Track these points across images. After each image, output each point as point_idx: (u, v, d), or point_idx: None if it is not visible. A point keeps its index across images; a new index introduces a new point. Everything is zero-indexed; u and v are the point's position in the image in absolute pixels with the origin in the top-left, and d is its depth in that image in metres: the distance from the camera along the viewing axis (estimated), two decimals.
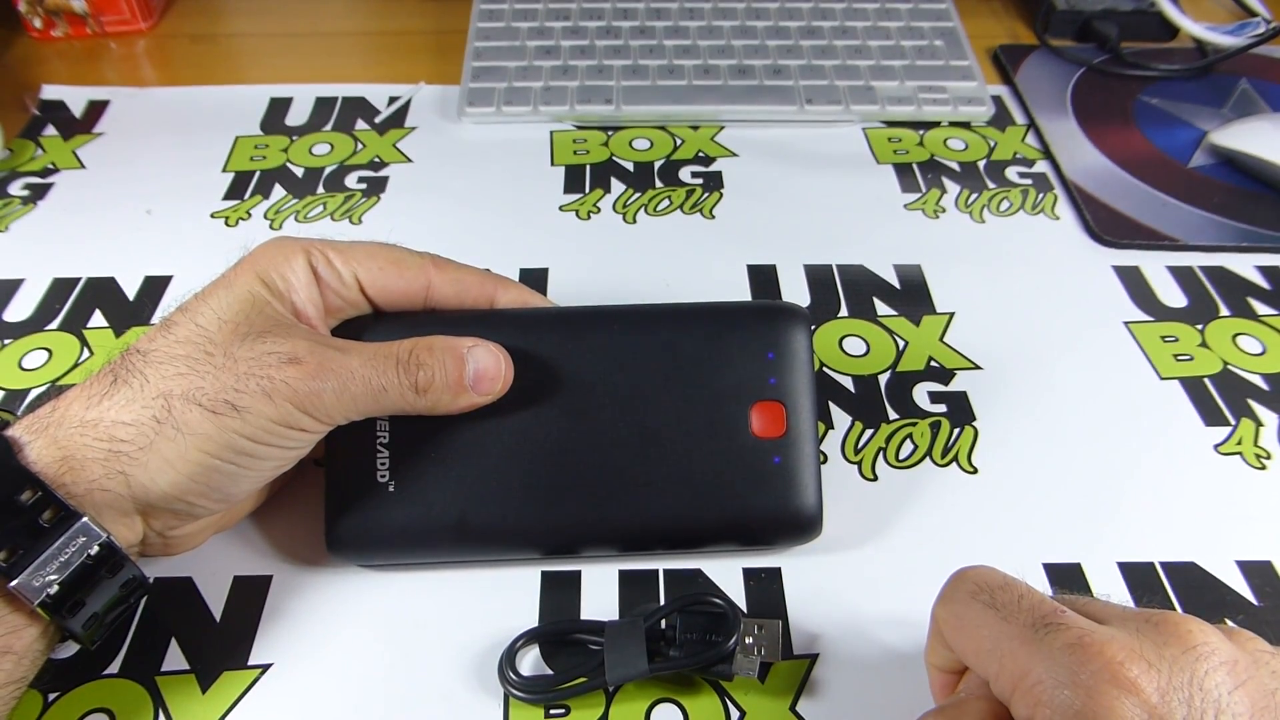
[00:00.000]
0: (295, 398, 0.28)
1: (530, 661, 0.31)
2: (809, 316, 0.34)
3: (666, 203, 0.50)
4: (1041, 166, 0.53)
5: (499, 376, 0.31)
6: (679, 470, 0.31)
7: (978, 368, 0.41)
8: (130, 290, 0.44)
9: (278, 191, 0.50)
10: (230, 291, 0.29)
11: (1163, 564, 0.34)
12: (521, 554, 0.33)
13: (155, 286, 0.44)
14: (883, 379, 0.41)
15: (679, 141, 0.54)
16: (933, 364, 0.41)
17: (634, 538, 0.32)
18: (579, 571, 0.33)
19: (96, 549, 0.27)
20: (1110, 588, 0.33)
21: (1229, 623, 0.32)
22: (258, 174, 0.51)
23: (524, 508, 0.31)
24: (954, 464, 0.37)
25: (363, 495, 0.31)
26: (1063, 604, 0.23)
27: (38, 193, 0.49)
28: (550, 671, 0.31)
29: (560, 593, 0.33)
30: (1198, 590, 0.33)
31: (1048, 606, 0.23)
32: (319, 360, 0.28)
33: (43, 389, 0.39)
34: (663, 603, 0.32)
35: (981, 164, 0.53)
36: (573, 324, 0.33)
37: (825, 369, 0.41)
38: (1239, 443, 0.38)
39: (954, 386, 0.40)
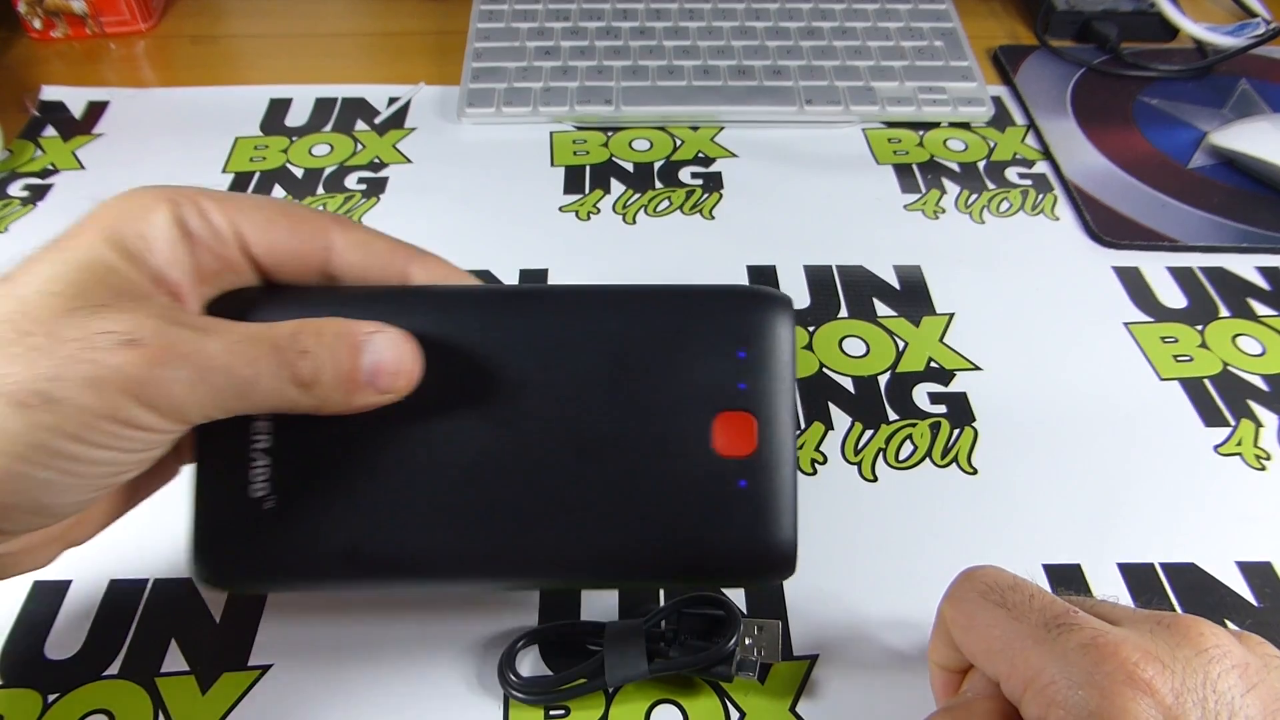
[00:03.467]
0: (130, 388, 0.22)
1: (530, 662, 0.31)
2: (791, 304, 0.27)
3: (666, 203, 0.50)
4: (1041, 167, 0.53)
5: (402, 370, 0.25)
6: (621, 493, 0.26)
7: (978, 368, 0.41)
8: None
9: (277, 192, 0.50)
10: (64, 256, 0.23)
11: (1162, 565, 0.34)
12: (426, 587, 0.28)
13: None
14: (882, 380, 0.41)
15: (679, 142, 0.54)
16: (932, 365, 0.41)
17: (563, 572, 0.27)
18: None
19: None
20: (1110, 589, 0.33)
21: (1231, 626, 0.32)
22: (257, 175, 0.51)
23: (431, 534, 0.26)
24: (954, 465, 0.37)
25: (235, 512, 0.26)
26: (1071, 604, 0.23)
27: (37, 194, 0.49)
28: (550, 672, 0.31)
29: (560, 593, 0.33)
30: (1198, 591, 0.33)
31: (1059, 607, 0.23)
32: (166, 342, 0.22)
33: None
34: (662, 604, 0.32)
35: (981, 165, 0.53)
36: (500, 307, 0.27)
37: (825, 369, 0.41)
38: (1239, 443, 0.38)
39: (954, 387, 0.40)
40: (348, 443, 0.26)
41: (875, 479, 0.37)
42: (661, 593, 0.33)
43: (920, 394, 0.40)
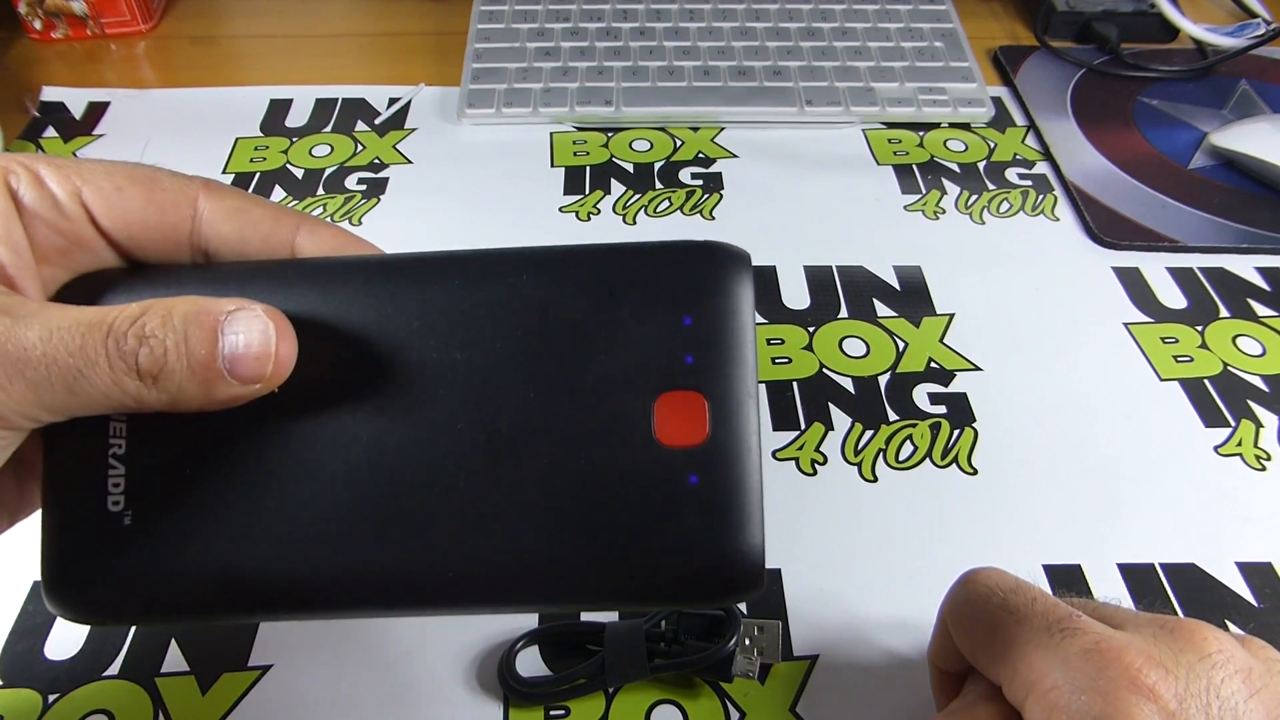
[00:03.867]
0: None
1: (530, 662, 0.31)
2: (748, 259, 0.22)
3: (667, 204, 0.50)
4: (1041, 168, 0.53)
5: (269, 355, 0.21)
6: (545, 496, 0.21)
7: (978, 369, 0.41)
8: None
9: (278, 193, 0.50)
10: None
11: (1162, 565, 0.34)
12: (316, 616, 0.23)
13: None
14: (883, 380, 0.40)
15: (679, 143, 0.54)
16: (933, 365, 0.41)
17: (474, 594, 0.22)
18: None
19: None
20: (1110, 589, 0.33)
21: (1231, 626, 0.32)
22: (258, 175, 0.51)
23: (317, 552, 0.21)
24: (954, 465, 0.37)
25: (87, 529, 0.22)
26: (1074, 607, 0.23)
27: None
28: (550, 672, 0.31)
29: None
30: (1198, 591, 0.33)
31: (1062, 610, 0.23)
32: None
33: None
34: (646, 610, 0.32)
35: (981, 165, 0.53)
36: (393, 278, 0.22)
37: (825, 370, 0.41)
38: (1239, 444, 0.38)
39: (954, 388, 0.40)
40: (215, 446, 0.22)
41: (875, 479, 0.37)
42: None
43: (920, 394, 0.40)
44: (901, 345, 0.42)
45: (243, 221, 0.23)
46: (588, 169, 0.52)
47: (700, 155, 0.53)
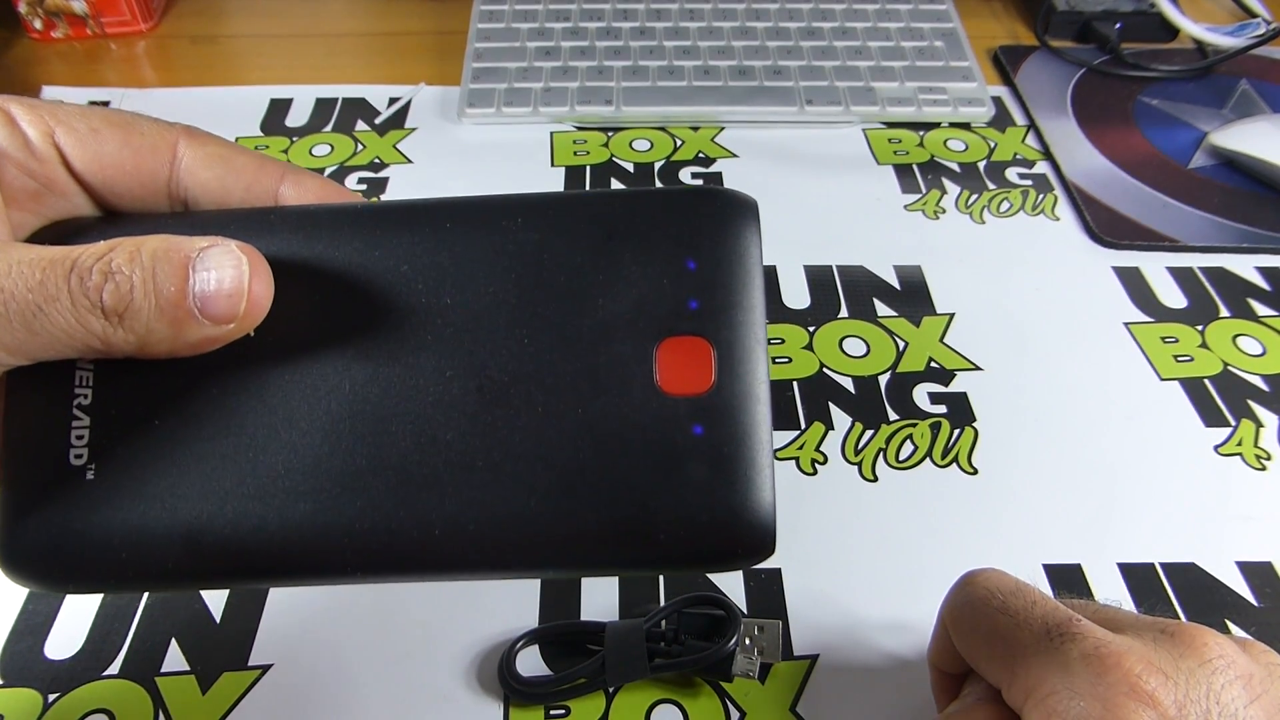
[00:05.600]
0: None
1: (530, 662, 0.31)
2: (754, 206, 0.22)
3: None
4: (1042, 167, 0.53)
5: (242, 293, 0.19)
6: (538, 445, 0.20)
7: (978, 368, 0.41)
8: None
9: None
10: None
11: (1163, 565, 0.34)
12: (293, 581, 0.22)
13: None
14: (883, 380, 0.40)
15: (679, 142, 0.54)
16: (933, 365, 0.41)
17: (463, 557, 0.20)
18: None
19: None
20: (1110, 589, 0.33)
21: (1232, 626, 0.32)
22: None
23: (294, 509, 0.20)
24: (954, 465, 0.37)
25: (47, 484, 0.20)
26: (1074, 610, 0.23)
27: None
28: (550, 672, 0.31)
29: (560, 593, 0.33)
30: (1198, 591, 0.33)
31: (1062, 614, 0.23)
32: None
33: None
34: (663, 603, 0.32)
35: (982, 165, 0.53)
36: (381, 222, 0.21)
37: (825, 369, 0.41)
38: (1239, 444, 0.38)
39: (954, 387, 0.40)
40: (187, 396, 0.20)
41: (875, 479, 0.37)
42: (661, 591, 0.33)
43: (920, 394, 0.40)
44: (902, 345, 0.42)
45: (225, 169, 0.22)
46: (588, 169, 0.52)
47: (700, 155, 0.53)
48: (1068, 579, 0.34)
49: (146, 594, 0.31)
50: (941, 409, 0.39)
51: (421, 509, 0.20)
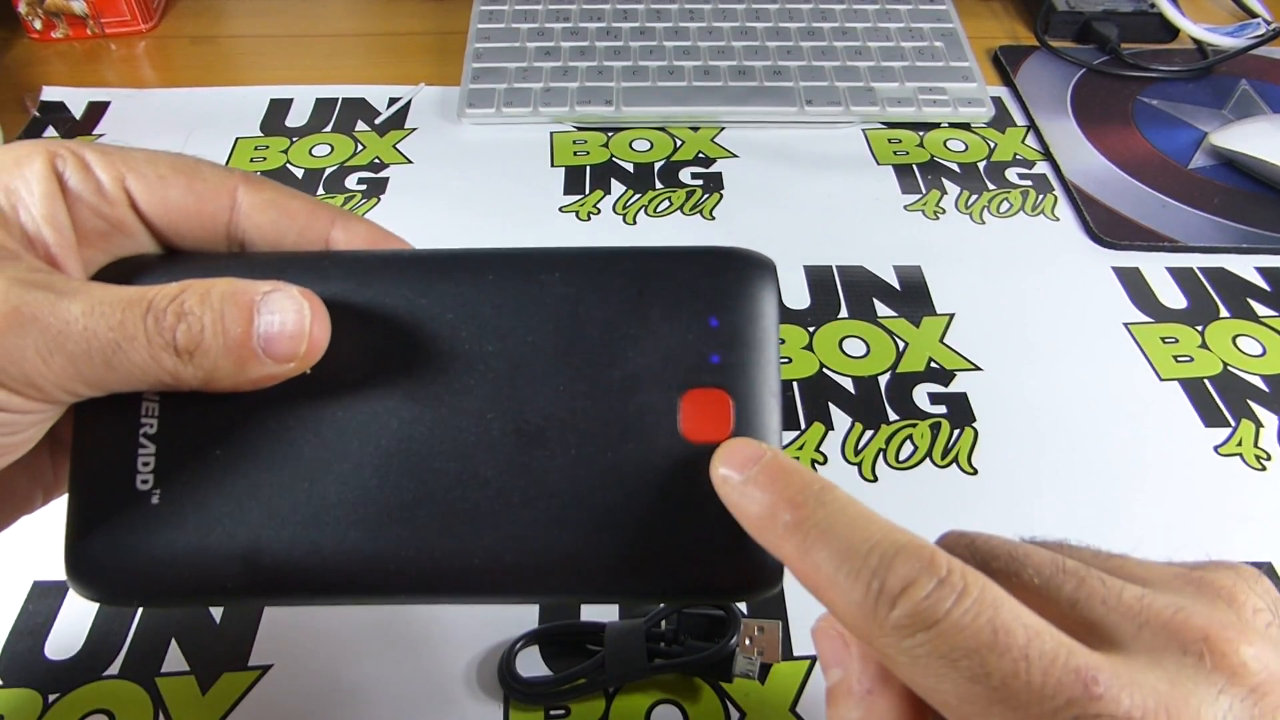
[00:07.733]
0: None
1: (530, 662, 0.31)
2: (773, 267, 0.23)
3: (667, 204, 0.50)
4: (1041, 168, 0.53)
5: (303, 335, 0.21)
6: (569, 486, 0.22)
7: (978, 369, 0.41)
8: None
9: None
10: None
11: None
12: (340, 600, 0.23)
13: None
14: (883, 380, 0.40)
15: (679, 143, 0.54)
16: (933, 365, 0.41)
17: (498, 583, 0.22)
18: None
19: None
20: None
21: None
22: (258, 176, 0.51)
23: (344, 535, 0.22)
24: (954, 465, 0.37)
25: (114, 507, 0.22)
26: (1080, 561, 0.20)
27: None
28: (550, 672, 0.31)
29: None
30: None
31: (1068, 683, 0.17)
32: (13, 305, 0.19)
33: None
34: (663, 604, 0.32)
35: (981, 165, 0.53)
36: (427, 271, 0.23)
37: (825, 370, 0.41)
38: (1239, 444, 0.38)
39: (954, 388, 0.40)
40: (247, 427, 0.22)
41: (875, 479, 0.37)
42: None
43: (920, 394, 0.40)
44: (901, 345, 0.42)
45: (279, 213, 0.24)
46: (588, 169, 0.52)
47: (700, 155, 0.53)
48: None
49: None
50: (941, 409, 0.39)
51: (462, 539, 0.22)
